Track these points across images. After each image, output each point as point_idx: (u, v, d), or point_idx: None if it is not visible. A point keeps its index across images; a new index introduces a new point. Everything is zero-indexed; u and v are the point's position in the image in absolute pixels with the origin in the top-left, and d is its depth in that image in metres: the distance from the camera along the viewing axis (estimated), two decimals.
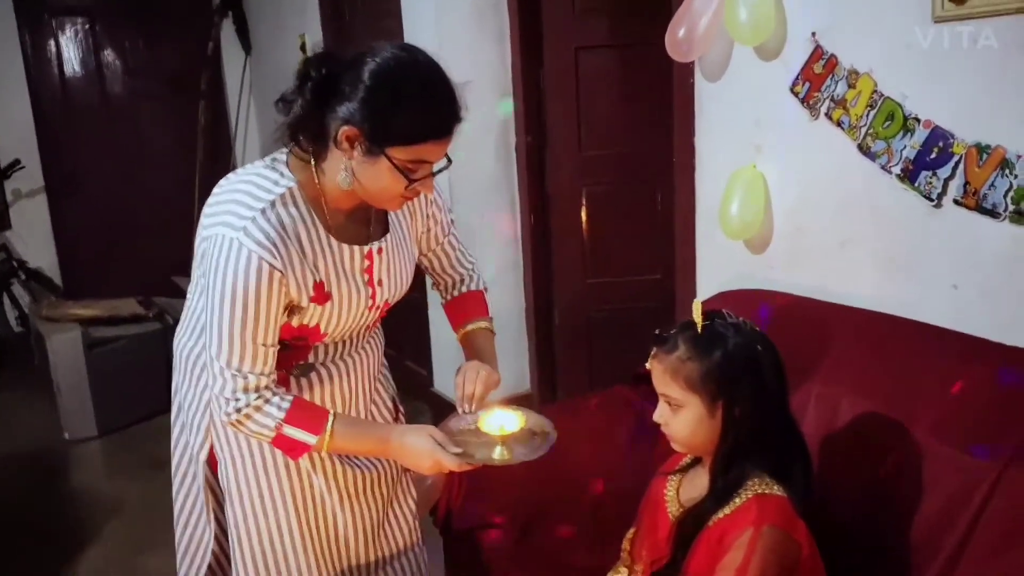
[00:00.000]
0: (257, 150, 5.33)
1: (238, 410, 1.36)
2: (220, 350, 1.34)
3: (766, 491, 1.28)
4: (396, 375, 3.86)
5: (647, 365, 1.36)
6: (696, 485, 1.39)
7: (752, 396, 1.29)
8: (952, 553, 1.37)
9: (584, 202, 3.20)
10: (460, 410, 1.52)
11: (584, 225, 3.23)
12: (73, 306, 4.07)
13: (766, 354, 1.31)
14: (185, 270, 1.62)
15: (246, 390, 1.35)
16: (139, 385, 3.78)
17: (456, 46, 3.10)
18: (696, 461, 1.43)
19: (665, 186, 2.75)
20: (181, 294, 2.13)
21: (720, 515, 1.29)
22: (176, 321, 1.67)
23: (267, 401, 1.37)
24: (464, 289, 1.72)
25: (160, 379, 3.00)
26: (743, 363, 1.29)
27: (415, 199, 1.49)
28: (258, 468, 1.51)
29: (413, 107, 1.28)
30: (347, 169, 1.32)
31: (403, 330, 3.71)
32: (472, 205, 3.21)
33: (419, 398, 3.76)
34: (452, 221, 1.67)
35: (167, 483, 1.69)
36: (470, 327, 1.68)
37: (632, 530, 1.52)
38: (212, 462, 1.57)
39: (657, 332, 1.36)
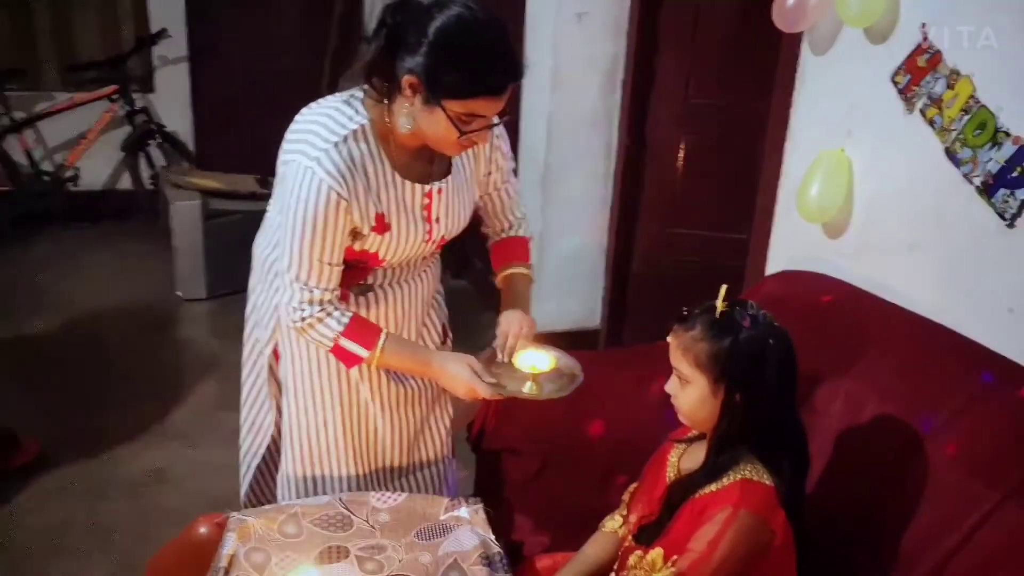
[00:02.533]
0: None
1: (303, 319, 1.53)
2: (291, 265, 1.50)
3: (754, 477, 1.36)
4: (480, 287, 4.04)
5: (667, 339, 1.44)
6: (696, 457, 1.48)
7: (753, 386, 1.35)
8: (929, 573, 1.41)
9: (682, 150, 3.20)
10: (499, 358, 1.65)
11: (678, 173, 3.23)
12: (198, 175, 4.40)
13: (776, 349, 1.36)
14: None
15: (311, 303, 1.52)
16: (247, 257, 4.07)
17: None
18: (702, 435, 1.52)
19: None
20: None
21: (707, 490, 1.38)
22: None
23: (329, 315, 1.53)
24: (512, 234, 1.81)
25: None
26: (750, 354, 1.35)
27: (483, 144, 1.60)
28: (313, 369, 1.70)
29: (468, 65, 1.37)
30: (408, 114, 1.43)
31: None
32: (570, 137, 3.26)
33: (495, 311, 3.92)
34: (513, 171, 1.76)
35: None
36: (510, 271, 1.79)
37: (635, 484, 1.63)
38: (276, 356, 1.76)
39: (683, 310, 1.44)
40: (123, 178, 5.23)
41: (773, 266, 2.43)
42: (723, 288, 1.41)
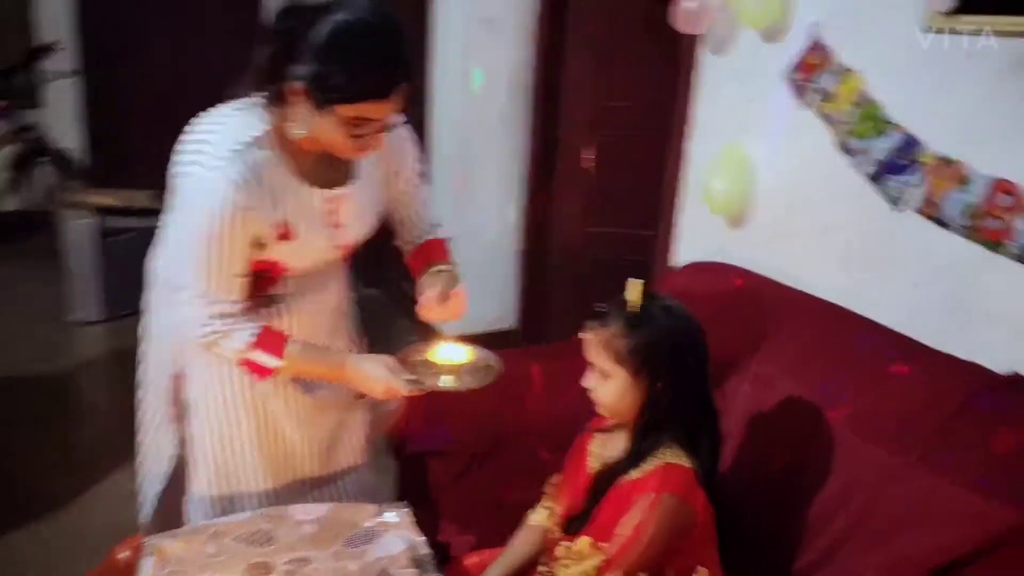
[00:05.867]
0: None
1: (208, 334, 1.48)
2: (194, 279, 1.45)
3: (674, 461, 1.39)
4: (393, 295, 3.97)
5: (581, 335, 1.46)
6: (616, 446, 1.51)
7: (672, 374, 1.39)
8: (839, 536, 1.49)
9: (591, 151, 3.25)
10: (421, 301, 1.60)
11: (589, 173, 3.28)
12: (91, 193, 4.21)
13: (690, 337, 1.40)
14: None
15: (216, 316, 1.47)
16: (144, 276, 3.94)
17: None
18: (621, 423, 1.54)
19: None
20: None
21: (630, 476, 1.41)
22: None
23: (235, 327, 1.48)
24: (427, 238, 1.76)
25: None
26: (667, 344, 1.39)
27: (382, 148, 1.54)
28: (218, 385, 1.64)
29: (353, 70, 1.34)
30: (300, 120, 1.40)
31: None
32: (482, 141, 3.28)
33: (409, 319, 3.90)
34: (422, 173, 1.72)
35: None
36: (434, 269, 1.70)
37: (558, 476, 1.64)
38: (177, 376, 1.69)
39: (596, 307, 1.46)
40: (11, 198, 4.97)
41: (682, 259, 2.50)
42: (636, 282, 1.44)
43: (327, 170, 1.54)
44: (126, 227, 3.96)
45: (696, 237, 2.46)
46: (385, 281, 4.33)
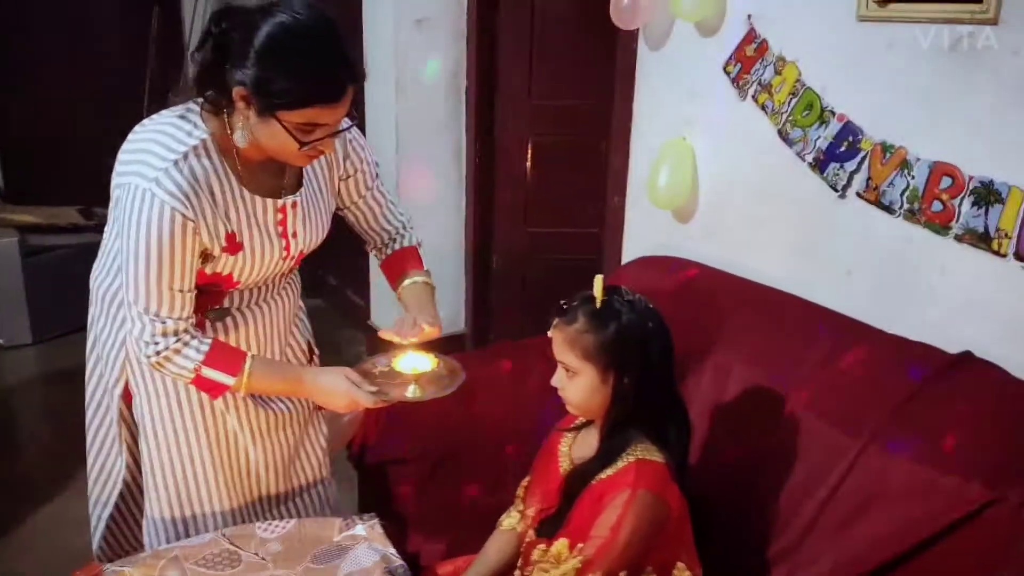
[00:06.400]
0: None
1: (158, 353, 1.42)
2: (137, 296, 1.39)
3: (646, 456, 1.40)
4: (336, 304, 3.88)
5: (549, 333, 1.46)
6: (586, 444, 1.51)
7: (640, 368, 1.39)
8: (807, 523, 1.52)
9: (530, 151, 3.25)
10: (396, 328, 1.56)
11: (529, 173, 3.28)
12: (11, 211, 4.03)
13: (656, 331, 1.41)
14: None
15: (165, 334, 1.41)
16: (75, 295, 3.73)
17: None
18: (589, 421, 1.55)
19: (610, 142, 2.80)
20: None
21: (603, 475, 1.41)
22: None
23: (186, 344, 1.43)
24: (397, 247, 1.73)
25: None
26: (634, 338, 1.39)
27: (329, 153, 1.50)
28: (172, 404, 1.58)
29: (298, 74, 1.30)
30: (244, 127, 1.36)
31: (345, 261, 3.77)
32: (419, 146, 3.24)
33: (356, 327, 3.86)
34: (377, 175, 1.69)
35: None
36: (407, 282, 1.69)
37: (528, 478, 1.63)
38: (126, 395, 1.63)
39: (562, 304, 1.46)
40: None
41: (629, 255, 2.52)
42: (599, 278, 1.44)
43: (274, 178, 1.50)
44: (50, 245, 3.83)
45: (643, 233, 2.48)
46: (326, 290, 4.26)
